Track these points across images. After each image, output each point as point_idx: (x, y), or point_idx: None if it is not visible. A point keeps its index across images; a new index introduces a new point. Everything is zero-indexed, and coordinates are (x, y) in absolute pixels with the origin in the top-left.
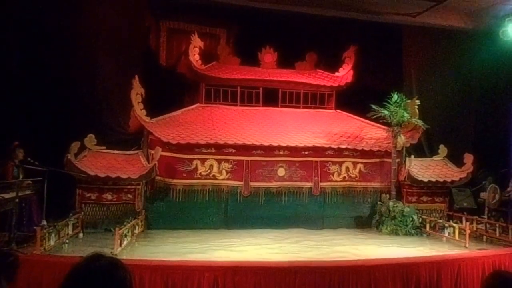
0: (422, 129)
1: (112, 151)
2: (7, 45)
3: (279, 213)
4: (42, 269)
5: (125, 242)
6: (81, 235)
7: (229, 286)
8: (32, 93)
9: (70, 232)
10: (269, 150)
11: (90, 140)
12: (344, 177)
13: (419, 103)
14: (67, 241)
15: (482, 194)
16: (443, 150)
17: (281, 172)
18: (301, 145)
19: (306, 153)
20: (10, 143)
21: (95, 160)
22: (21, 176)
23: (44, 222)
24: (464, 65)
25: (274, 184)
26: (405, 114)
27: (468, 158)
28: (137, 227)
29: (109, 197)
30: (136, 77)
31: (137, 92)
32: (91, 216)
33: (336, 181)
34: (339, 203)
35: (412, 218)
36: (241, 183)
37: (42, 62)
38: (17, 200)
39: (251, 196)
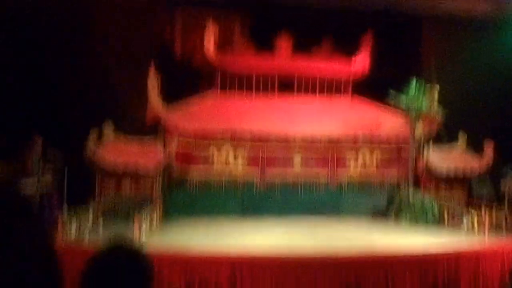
0: (441, 117)
1: (130, 139)
2: (24, 35)
3: (295, 202)
4: (62, 256)
5: (143, 230)
6: (101, 223)
7: (247, 279)
8: (51, 83)
9: (90, 219)
10: (285, 138)
11: (109, 128)
12: (361, 166)
13: (438, 90)
14: (87, 228)
15: (502, 182)
16: (462, 137)
17: (297, 160)
18: (317, 133)
19: (322, 141)
20: (30, 133)
21: (114, 147)
22: (41, 167)
23: (65, 210)
24: (486, 52)
25: (290, 173)
26: (424, 102)
27: (488, 146)
28: (155, 215)
29: (128, 185)
30: (152, 65)
31: (153, 82)
32: (110, 203)
33: (352, 169)
34: (355, 192)
35: (431, 207)
36: (257, 171)
37: (60, 51)
38: (38, 188)
39: (267, 185)
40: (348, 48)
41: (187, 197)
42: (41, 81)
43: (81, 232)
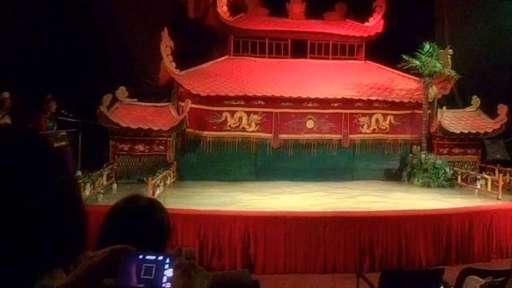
0: (454, 80)
1: (143, 103)
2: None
3: (308, 165)
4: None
5: (157, 192)
6: (115, 185)
7: (260, 235)
8: (65, 48)
9: (105, 183)
10: (298, 102)
11: (122, 92)
12: (374, 129)
13: (451, 52)
14: (101, 191)
15: None
16: (476, 101)
17: (310, 124)
18: (330, 97)
19: (335, 105)
20: (43, 96)
21: (127, 112)
22: (55, 128)
23: (79, 173)
24: (500, 13)
25: (303, 136)
26: (437, 64)
27: (502, 109)
28: (169, 178)
29: (141, 148)
30: (165, 29)
31: (166, 45)
32: (124, 167)
33: (365, 133)
34: (369, 155)
35: (444, 170)
36: (270, 135)
37: (73, 17)
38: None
39: (280, 148)
40: (361, 12)
41: (201, 160)
42: (56, 44)
43: (95, 195)
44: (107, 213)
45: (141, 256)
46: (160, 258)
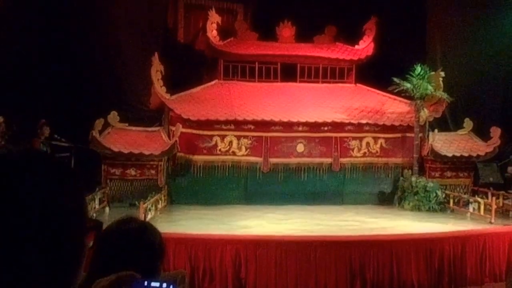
0: (446, 102)
1: (134, 128)
2: (31, 25)
3: (298, 189)
4: None
5: (149, 216)
6: (107, 209)
7: (251, 259)
8: (57, 72)
9: (97, 207)
10: (288, 126)
11: (113, 117)
12: (365, 152)
13: (443, 75)
14: (94, 215)
15: (509, 169)
16: (468, 123)
17: (300, 148)
18: (321, 120)
19: (326, 128)
20: (36, 120)
21: (119, 136)
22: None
23: None
24: (492, 35)
25: (294, 160)
26: (429, 87)
27: (495, 132)
28: (160, 202)
29: (133, 172)
30: (156, 54)
31: (157, 69)
32: (116, 191)
33: (356, 156)
34: (359, 179)
35: (436, 193)
36: (260, 159)
37: (65, 42)
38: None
39: (270, 172)
40: (351, 35)
41: (191, 184)
42: (49, 70)
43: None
44: (100, 235)
45: (146, 283)
46: (164, 285)
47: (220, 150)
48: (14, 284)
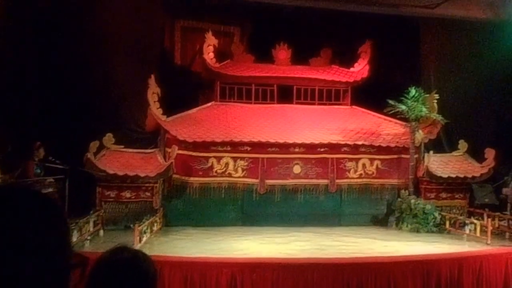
0: (441, 124)
1: (130, 150)
2: (27, 47)
3: (295, 211)
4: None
5: (144, 239)
6: (101, 232)
7: (247, 283)
8: (52, 93)
9: (91, 229)
10: (285, 147)
11: (109, 139)
12: (361, 174)
13: (437, 97)
14: (88, 238)
15: (505, 190)
16: (463, 145)
17: (296, 169)
18: (317, 142)
19: (322, 150)
20: (31, 142)
21: (114, 158)
22: (42, 174)
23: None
24: (485, 58)
25: (290, 181)
26: (423, 109)
27: (490, 153)
28: (155, 224)
29: (128, 195)
30: (152, 76)
31: (153, 91)
32: (111, 214)
33: (352, 178)
34: (356, 200)
35: (434, 215)
36: (256, 180)
37: (61, 63)
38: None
39: (267, 194)
40: (346, 57)
41: (187, 206)
42: (43, 91)
43: (82, 242)
44: (93, 264)
45: None
46: None
47: (216, 171)
48: None
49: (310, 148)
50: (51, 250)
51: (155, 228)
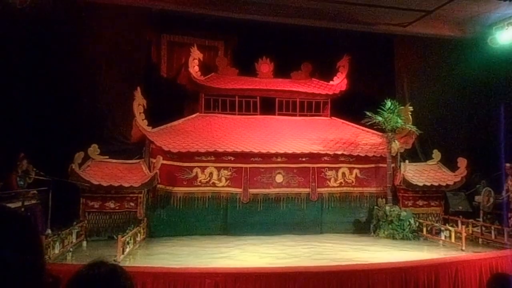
0: (415, 135)
1: (114, 161)
2: (13, 59)
3: (277, 219)
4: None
5: (127, 250)
6: (84, 243)
7: None
8: (37, 105)
9: (74, 240)
10: (267, 157)
11: (94, 150)
12: (341, 182)
13: (412, 109)
14: (71, 249)
15: (477, 198)
16: (437, 154)
17: (279, 178)
18: (298, 151)
19: (303, 159)
20: (15, 154)
21: (99, 169)
22: (26, 186)
23: (49, 231)
24: (455, 72)
25: (272, 190)
26: (399, 120)
27: (462, 162)
28: (139, 235)
29: (112, 205)
30: (138, 88)
31: (139, 103)
32: (94, 224)
33: (333, 186)
34: (336, 208)
35: (409, 222)
36: (240, 190)
37: (47, 75)
38: (22, 209)
39: (250, 203)
40: (325, 71)
41: (171, 216)
42: (28, 102)
43: (64, 253)
44: (70, 279)
45: None
46: None
47: (200, 181)
48: None
49: (292, 157)
50: (25, 270)
51: (138, 239)
